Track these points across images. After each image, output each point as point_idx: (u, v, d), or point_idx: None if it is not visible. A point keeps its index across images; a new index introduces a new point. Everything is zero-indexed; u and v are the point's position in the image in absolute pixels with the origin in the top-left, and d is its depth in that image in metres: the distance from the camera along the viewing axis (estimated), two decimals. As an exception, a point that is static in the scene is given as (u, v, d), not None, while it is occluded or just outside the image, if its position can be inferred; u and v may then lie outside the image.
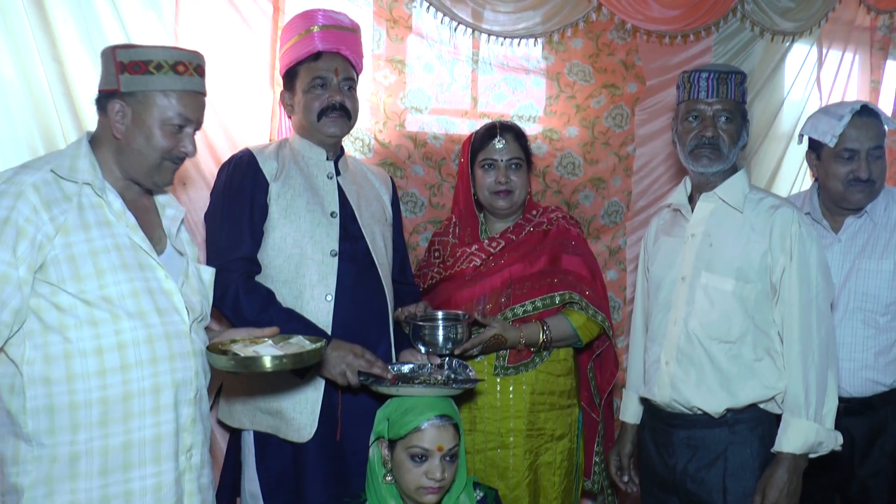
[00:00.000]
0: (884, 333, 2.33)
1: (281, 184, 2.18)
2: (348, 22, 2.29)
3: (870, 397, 2.31)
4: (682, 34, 3.18)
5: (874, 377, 2.32)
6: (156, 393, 1.63)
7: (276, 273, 2.16)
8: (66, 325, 1.56)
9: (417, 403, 1.93)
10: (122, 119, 1.66)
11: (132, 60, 1.64)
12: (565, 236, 2.48)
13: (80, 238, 1.58)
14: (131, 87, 1.65)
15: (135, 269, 1.64)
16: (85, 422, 1.57)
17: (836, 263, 2.37)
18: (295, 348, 1.81)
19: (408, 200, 2.95)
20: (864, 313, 2.34)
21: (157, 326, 1.64)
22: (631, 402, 2.39)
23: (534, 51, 3.08)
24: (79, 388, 1.56)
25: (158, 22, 2.41)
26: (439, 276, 2.51)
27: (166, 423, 1.65)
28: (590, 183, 3.21)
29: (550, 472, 2.42)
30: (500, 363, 2.38)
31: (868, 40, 3.62)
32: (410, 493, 1.91)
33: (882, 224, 2.38)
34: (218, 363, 1.74)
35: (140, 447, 1.62)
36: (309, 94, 2.22)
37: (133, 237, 1.66)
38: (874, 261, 2.35)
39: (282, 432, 2.14)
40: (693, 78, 2.12)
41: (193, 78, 1.70)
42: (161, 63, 1.65)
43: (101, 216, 1.63)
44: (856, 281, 2.35)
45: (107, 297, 1.58)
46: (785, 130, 3.47)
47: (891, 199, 2.41)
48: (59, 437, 1.56)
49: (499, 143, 2.43)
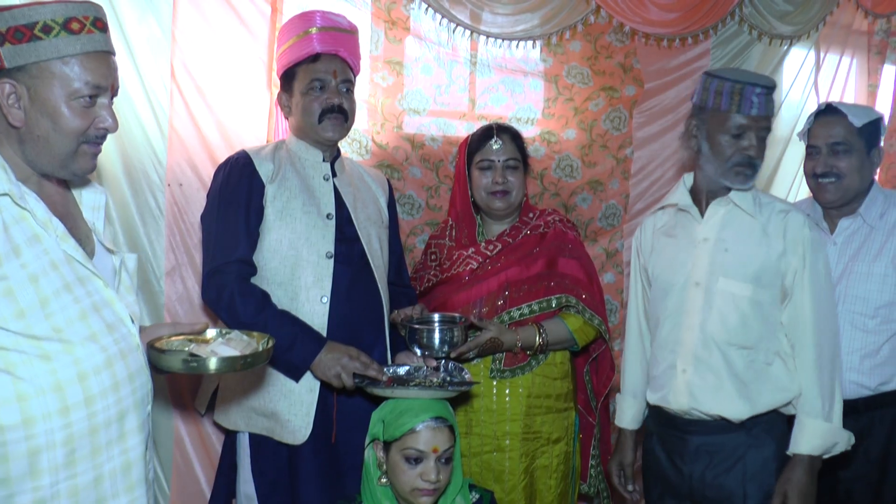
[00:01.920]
0: (871, 336, 2.32)
1: (277, 185, 2.18)
2: (346, 24, 2.29)
3: (854, 400, 2.28)
4: (680, 37, 3.18)
5: (858, 380, 2.31)
6: (121, 420, 1.45)
7: (271, 275, 2.15)
8: (14, 363, 1.33)
9: (413, 405, 1.93)
10: (16, 102, 1.37)
11: (11, 26, 1.33)
12: (562, 239, 2.47)
13: (13, 266, 1.33)
14: (19, 61, 1.34)
15: (76, 287, 1.41)
16: (48, 465, 1.36)
17: (831, 265, 2.34)
18: (242, 345, 1.65)
19: (405, 202, 2.94)
20: (852, 316, 2.33)
21: (112, 346, 1.44)
22: (628, 408, 2.35)
23: (532, 53, 3.09)
24: (38, 432, 1.35)
25: (156, 23, 2.41)
26: (436, 278, 2.50)
27: (134, 448, 1.49)
28: (587, 186, 3.21)
29: (546, 476, 2.42)
30: (496, 366, 2.38)
31: (865, 44, 3.62)
32: (405, 496, 1.91)
33: (878, 228, 2.37)
34: (171, 365, 1.51)
35: (111, 479, 1.45)
36: (307, 96, 2.21)
37: (65, 248, 1.41)
38: (866, 264, 2.34)
39: (277, 434, 2.14)
40: (746, 91, 2.01)
41: (94, 35, 1.40)
42: (48, 24, 1.34)
43: (28, 231, 1.37)
44: (846, 284, 2.34)
45: (55, 326, 1.36)
46: (783, 133, 3.47)
47: (890, 204, 2.40)
48: (17, 487, 1.34)
49: (495, 143, 2.43)
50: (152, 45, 2.42)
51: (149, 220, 2.47)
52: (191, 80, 2.51)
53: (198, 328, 1.65)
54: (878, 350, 2.31)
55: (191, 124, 2.52)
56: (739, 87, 2.02)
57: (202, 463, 2.62)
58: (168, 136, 2.48)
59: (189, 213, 2.53)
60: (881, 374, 2.31)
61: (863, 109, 2.42)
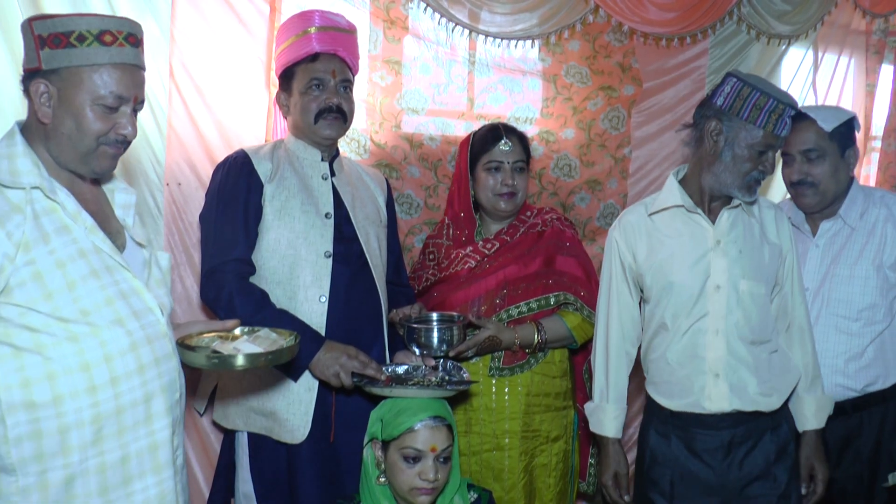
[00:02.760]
0: (856, 339, 2.31)
1: (275, 185, 2.18)
2: (345, 23, 2.29)
3: (841, 402, 2.28)
4: (678, 37, 3.18)
5: (844, 383, 2.30)
6: (147, 402, 1.53)
7: (270, 274, 2.15)
8: (44, 344, 1.42)
9: (411, 404, 1.93)
10: (48, 101, 1.49)
11: (51, 33, 1.45)
12: (560, 237, 2.48)
13: (41, 252, 1.43)
14: (53, 64, 1.47)
15: (104, 274, 1.49)
16: (78, 443, 1.45)
17: (813, 268, 2.36)
18: (267, 342, 1.73)
19: (403, 202, 2.94)
20: (836, 319, 2.32)
21: (138, 331, 1.52)
22: (614, 417, 2.23)
23: (531, 52, 3.09)
24: (68, 409, 1.44)
25: (154, 23, 2.41)
26: (434, 277, 2.50)
27: (161, 431, 1.56)
28: (586, 185, 3.21)
29: (546, 474, 2.42)
30: (495, 364, 2.38)
31: (863, 44, 3.63)
32: (404, 495, 1.91)
33: (859, 229, 2.35)
34: (195, 361, 1.64)
35: (138, 459, 1.52)
36: (306, 96, 2.21)
37: (93, 239, 1.51)
38: (848, 266, 2.32)
39: (275, 434, 2.14)
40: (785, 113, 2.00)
41: (125, 48, 1.51)
42: (84, 34, 1.46)
43: (58, 222, 1.47)
44: (829, 287, 2.33)
45: (83, 309, 1.45)
46: (781, 133, 3.47)
47: (870, 203, 2.37)
48: (49, 463, 1.44)
49: (504, 145, 2.42)
50: (151, 44, 2.41)
51: (147, 219, 2.47)
52: (189, 80, 2.51)
53: (228, 325, 1.79)
54: (862, 352, 2.30)
55: (189, 124, 2.52)
56: (781, 108, 1.99)
57: (200, 462, 2.62)
58: (167, 135, 2.48)
59: (187, 213, 2.53)
60: (867, 376, 2.30)
61: (832, 112, 2.38)
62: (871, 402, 2.32)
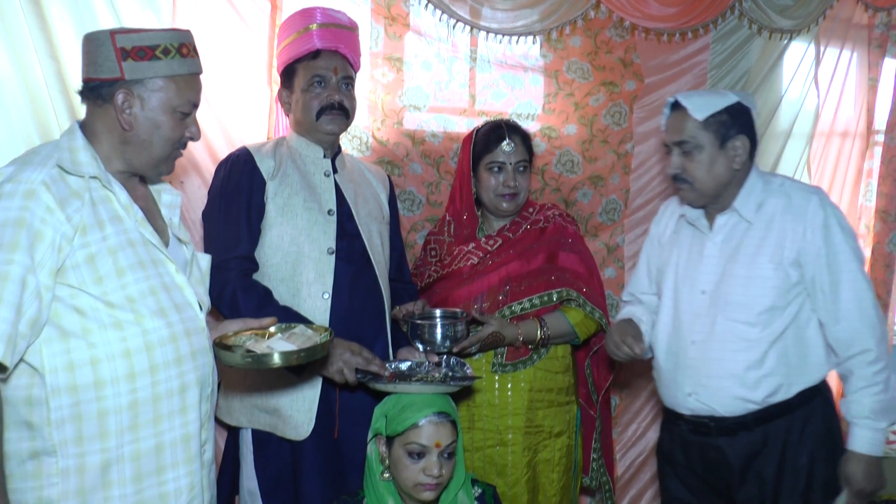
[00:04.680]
0: (755, 345, 2.05)
1: (278, 182, 2.18)
2: (347, 20, 2.28)
3: (742, 416, 2.08)
4: (680, 32, 3.18)
5: (744, 395, 2.06)
6: (182, 393, 1.58)
7: (273, 271, 2.16)
8: (89, 329, 1.48)
9: (415, 400, 1.93)
10: (129, 109, 1.58)
11: (136, 46, 1.55)
12: (562, 233, 2.48)
13: (96, 237, 1.50)
14: (136, 75, 1.56)
15: (149, 266, 1.57)
16: (115, 428, 1.50)
17: (710, 268, 2.14)
18: (302, 339, 1.79)
19: (406, 198, 2.94)
20: (733, 325, 2.07)
21: (178, 324, 1.58)
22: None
23: (532, 48, 3.08)
24: (108, 394, 1.49)
25: (156, 19, 2.41)
26: (436, 274, 2.51)
27: (193, 423, 1.61)
28: (588, 181, 3.21)
29: (549, 469, 2.42)
30: (498, 360, 2.38)
31: (866, 38, 3.61)
32: (408, 490, 1.91)
33: (756, 223, 2.09)
34: (231, 360, 1.70)
35: (172, 449, 1.57)
36: (308, 93, 2.21)
37: (143, 231, 1.59)
38: (745, 265, 2.07)
39: (279, 430, 2.14)
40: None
41: (195, 59, 1.65)
42: (168, 47, 1.58)
43: (112, 211, 1.56)
44: (727, 290, 2.08)
45: (129, 296, 1.51)
46: (783, 128, 3.47)
47: (769, 193, 2.11)
48: (88, 447, 1.49)
49: (507, 146, 2.41)
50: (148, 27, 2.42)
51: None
52: (191, 78, 2.51)
53: (265, 323, 1.84)
54: (762, 360, 2.05)
55: (191, 121, 2.52)
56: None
57: (205, 459, 2.62)
58: (169, 133, 2.48)
59: (190, 211, 2.53)
60: (768, 385, 2.05)
61: (710, 99, 2.10)
62: (774, 415, 2.07)
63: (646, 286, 2.41)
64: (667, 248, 2.30)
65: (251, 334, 1.81)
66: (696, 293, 2.15)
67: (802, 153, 3.52)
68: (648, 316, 2.34)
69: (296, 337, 1.79)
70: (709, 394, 2.10)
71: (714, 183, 2.10)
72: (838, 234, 2.03)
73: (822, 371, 2.11)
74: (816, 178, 3.57)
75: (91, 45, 1.58)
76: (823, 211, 2.04)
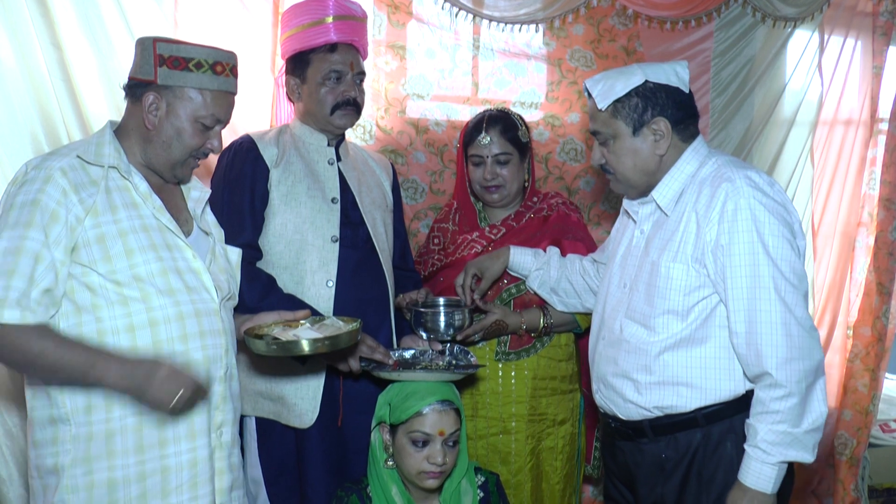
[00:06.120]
0: (645, 350, 1.86)
1: (281, 170, 2.18)
2: (360, 11, 2.26)
3: (639, 422, 1.90)
4: (683, 20, 3.16)
5: (635, 399, 1.88)
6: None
7: (277, 259, 2.15)
8: (98, 305, 1.59)
9: (419, 388, 1.94)
10: (156, 111, 1.69)
11: (173, 55, 1.68)
12: (565, 221, 2.48)
13: (107, 219, 1.61)
14: (168, 81, 1.68)
15: (163, 249, 1.67)
16: (118, 398, 1.59)
17: (634, 260, 1.96)
18: (331, 330, 1.83)
19: (409, 187, 2.94)
20: (630, 324, 1.90)
21: (188, 304, 1.67)
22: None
23: (535, 37, 3.07)
24: None
25: (157, 7, 2.40)
26: (440, 262, 2.51)
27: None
28: (591, 169, 3.20)
29: (552, 457, 2.43)
30: (501, 349, 2.39)
31: (870, 26, 3.59)
32: (412, 478, 1.92)
33: (673, 215, 1.87)
34: (258, 348, 1.77)
35: (174, 423, 1.65)
36: (323, 87, 2.20)
37: (160, 218, 1.69)
38: (650, 263, 1.88)
39: (283, 418, 2.15)
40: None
41: (229, 79, 1.75)
42: (201, 62, 1.69)
43: (128, 198, 1.67)
44: (636, 286, 1.91)
45: (137, 276, 1.61)
46: (786, 117, 3.46)
47: (692, 182, 1.87)
48: (95, 416, 1.60)
49: (483, 139, 2.39)
50: (155, 30, 2.41)
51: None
52: (193, 66, 2.50)
53: (299, 315, 1.90)
54: (649, 366, 1.86)
55: (194, 109, 2.52)
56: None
57: (209, 447, 2.63)
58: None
59: (193, 199, 2.52)
60: (658, 394, 1.86)
61: (613, 84, 1.86)
62: (673, 428, 1.86)
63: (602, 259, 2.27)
64: (616, 236, 2.15)
65: (284, 325, 1.88)
66: (619, 287, 1.98)
67: (805, 142, 3.50)
68: (588, 275, 2.26)
69: (325, 328, 1.85)
70: (609, 393, 1.96)
71: (637, 172, 1.90)
72: (746, 229, 1.73)
73: (735, 388, 1.82)
74: (819, 166, 3.55)
75: (139, 47, 1.73)
76: (735, 199, 1.75)
